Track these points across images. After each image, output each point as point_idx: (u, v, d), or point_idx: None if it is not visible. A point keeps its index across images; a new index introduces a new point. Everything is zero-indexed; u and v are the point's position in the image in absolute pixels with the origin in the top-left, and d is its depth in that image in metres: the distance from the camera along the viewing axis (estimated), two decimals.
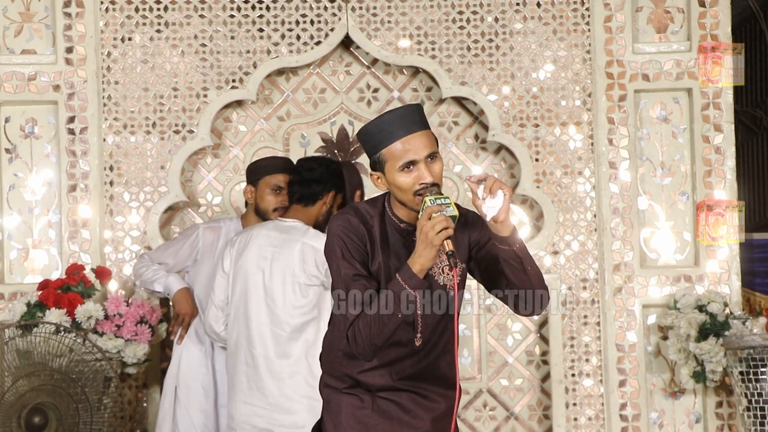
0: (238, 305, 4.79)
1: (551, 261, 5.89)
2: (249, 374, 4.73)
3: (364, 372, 3.36)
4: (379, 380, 3.37)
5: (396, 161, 3.28)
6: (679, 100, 5.94)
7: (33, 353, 5.18)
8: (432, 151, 3.29)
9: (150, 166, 5.85)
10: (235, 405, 4.77)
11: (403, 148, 3.27)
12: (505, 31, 5.92)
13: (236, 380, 4.77)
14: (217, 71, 5.87)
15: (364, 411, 3.36)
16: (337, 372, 3.40)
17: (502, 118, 5.90)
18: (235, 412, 4.76)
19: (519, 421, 6.05)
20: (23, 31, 5.84)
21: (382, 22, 5.90)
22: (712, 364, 5.49)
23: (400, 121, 3.29)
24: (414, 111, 3.33)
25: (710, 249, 5.84)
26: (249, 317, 4.74)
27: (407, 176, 3.27)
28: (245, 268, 4.77)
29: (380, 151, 3.30)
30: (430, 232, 3.14)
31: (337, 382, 3.41)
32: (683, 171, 5.93)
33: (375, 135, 3.31)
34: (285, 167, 5.25)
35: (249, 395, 4.73)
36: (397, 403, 3.37)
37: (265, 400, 4.69)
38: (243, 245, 4.82)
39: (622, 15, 5.88)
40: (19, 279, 5.79)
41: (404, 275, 3.18)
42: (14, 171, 5.83)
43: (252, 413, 4.71)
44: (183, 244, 5.33)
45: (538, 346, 6.06)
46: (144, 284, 5.33)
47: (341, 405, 3.38)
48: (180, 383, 5.29)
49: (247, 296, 4.76)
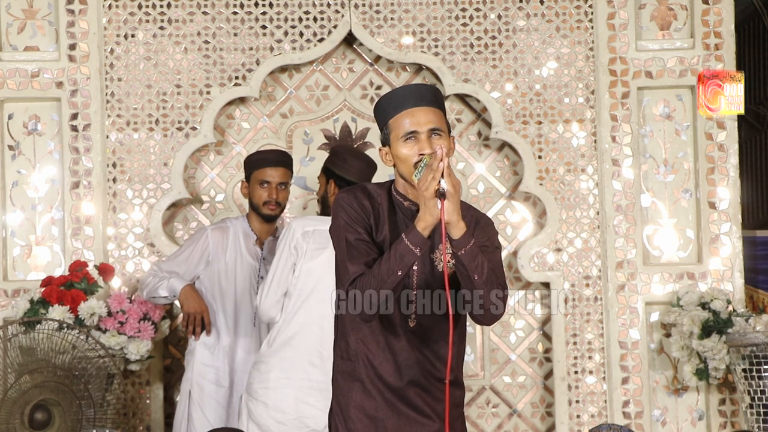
0: (311, 303, 4.72)
1: (554, 258, 5.89)
2: (312, 373, 4.68)
3: (373, 360, 3.35)
4: (387, 367, 3.34)
5: (399, 131, 3.30)
6: (682, 97, 5.93)
7: (36, 350, 5.19)
8: (436, 126, 3.30)
9: (153, 163, 5.85)
10: (286, 399, 4.69)
11: (406, 118, 3.30)
12: (508, 28, 5.92)
13: (292, 374, 4.70)
14: (220, 68, 5.87)
15: (372, 403, 3.36)
16: (348, 360, 3.39)
17: (505, 116, 5.90)
18: (287, 407, 4.68)
19: (522, 418, 6.05)
20: (26, 28, 5.84)
21: (385, 19, 5.90)
22: (715, 362, 5.49)
23: (410, 94, 3.32)
24: (427, 88, 3.36)
25: (713, 246, 5.84)
26: (324, 317, 4.66)
27: (408, 148, 3.29)
28: (324, 267, 4.68)
29: (388, 122, 3.33)
30: (422, 189, 3.16)
31: (347, 368, 3.39)
32: (686, 168, 5.92)
33: (386, 107, 3.35)
34: (276, 160, 5.24)
35: (309, 394, 4.67)
36: (404, 398, 3.37)
37: (325, 403, 4.60)
38: (324, 242, 4.70)
39: (625, 12, 5.88)
40: (22, 276, 5.80)
41: (408, 232, 3.20)
42: (17, 168, 5.83)
43: (310, 414, 4.66)
44: (193, 248, 5.32)
45: (540, 344, 6.06)
46: (150, 295, 5.30)
47: (350, 396, 3.38)
48: (194, 385, 5.28)
49: (324, 297, 4.64)
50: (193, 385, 5.28)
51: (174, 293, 5.25)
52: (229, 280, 5.30)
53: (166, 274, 5.28)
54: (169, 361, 5.91)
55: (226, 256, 5.30)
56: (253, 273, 5.32)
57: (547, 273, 5.88)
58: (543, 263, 5.86)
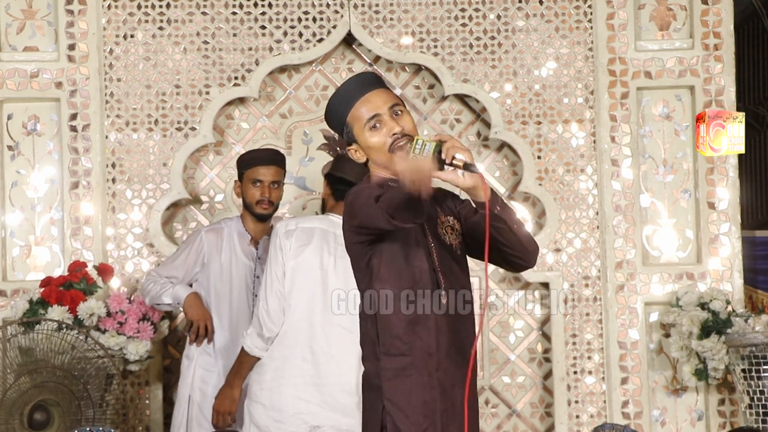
0: (299, 300, 4.72)
1: (553, 258, 5.89)
2: (305, 369, 4.68)
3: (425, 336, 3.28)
4: (440, 352, 3.29)
5: (361, 121, 3.27)
6: (682, 97, 5.94)
7: (35, 350, 5.19)
8: (394, 102, 3.27)
9: (152, 163, 5.85)
10: (282, 397, 4.68)
11: (362, 107, 3.26)
12: (507, 28, 5.92)
13: (286, 372, 4.70)
14: (219, 68, 5.88)
15: (430, 393, 3.28)
16: (402, 356, 3.30)
17: (504, 116, 5.90)
18: (283, 405, 4.67)
19: (521, 418, 6.05)
20: (25, 28, 5.85)
21: (384, 20, 5.90)
22: (714, 362, 5.49)
23: (355, 85, 3.29)
24: (368, 75, 3.34)
25: (712, 247, 5.84)
26: (313, 312, 4.66)
27: (376, 134, 3.26)
28: (311, 263, 4.67)
29: (345, 120, 3.29)
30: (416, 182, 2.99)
31: (399, 364, 3.30)
32: (685, 168, 5.92)
33: (336, 107, 3.31)
34: (268, 159, 5.23)
35: (303, 390, 4.67)
36: (446, 373, 3.31)
37: (321, 397, 4.64)
38: (306, 239, 4.70)
39: (625, 12, 5.88)
40: (22, 276, 5.80)
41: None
42: (16, 168, 5.83)
43: (306, 410, 4.66)
44: (189, 250, 5.31)
45: (540, 344, 6.06)
46: (153, 300, 5.29)
47: (411, 393, 3.28)
48: (194, 390, 5.27)
49: (313, 292, 4.66)
50: (194, 390, 5.27)
51: (178, 301, 5.23)
52: (225, 281, 5.29)
53: (166, 280, 5.28)
54: (169, 361, 5.91)
55: (221, 257, 5.29)
56: (249, 273, 5.31)
57: (547, 273, 5.88)
58: (542, 263, 5.86)
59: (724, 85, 5.87)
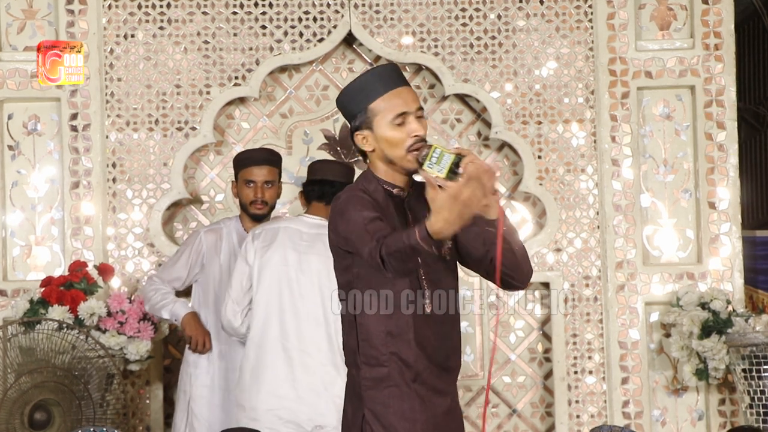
0: (267, 298, 4.76)
1: (554, 258, 5.89)
2: (278, 368, 4.71)
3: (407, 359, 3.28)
4: (419, 363, 3.28)
5: (387, 113, 3.24)
6: (682, 97, 5.93)
7: (36, 350, 5.19)
8: (420, 105, 3.27)
9: (153, 163, 5.85)
10: (258, 396, 4.72)
11: (393, 100, 3.24)
12: (507, 28, 5.92)
13: (261, 372, 4.73)
14: (219, 68, 5.88)
15: (409, 404, 3.28)
16: (379, 366, 3.30)
17: (504, 116, 5.90)
18: (258, 403, 4.72)
19: (521, 418, 6.05)
20: (26, 28, 5.85)
21: (384, 19, 5.90)
22: (714, 362, 5.49)
23: (385, 77, 3.27)
24: (395, 68, 3.32)
25: (713, 246, 5.84)
26: (283, 310, 4.72)
27: (399, 130, 3.24)
28: (275, 261, 4.74)
29: (367, 106, 3.26)
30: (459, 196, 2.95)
31: (378, 374, 3.30)
32: (686, 168, 5.92)
33: (358, 93, 3.27)
34: (261, 159, 5.23)
35: (276, 387, 4.71)
36: (431, 387, 3.32)
37: (295, 393, 4.68)
38: (270, 238, 4.78)
39: (625, 12, 5.88)
40: (22, 276, 5.80)
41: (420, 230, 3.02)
42: (17, 168, 5.84)
43: (279, 405, 4.69)
44: (189, 252, 5.32)
45: (540, 344, 6.06)
46: (152, 310, 5.30)
47: (389, 404, 3.29)
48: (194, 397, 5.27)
49: (279, 289, 4.73)
50: (193, 396, 5.27)
51: (176, 318, 5.24)
52: (224, 282, 5.29)
53: (167, 290, 5.27)
54: (169, 361, 5.91)
55: (220, 258, 5.29)
56: None
57: (547, 273, 5.88)
58: (543, 263, 5.87)
59: (724, 84, 5.87)
